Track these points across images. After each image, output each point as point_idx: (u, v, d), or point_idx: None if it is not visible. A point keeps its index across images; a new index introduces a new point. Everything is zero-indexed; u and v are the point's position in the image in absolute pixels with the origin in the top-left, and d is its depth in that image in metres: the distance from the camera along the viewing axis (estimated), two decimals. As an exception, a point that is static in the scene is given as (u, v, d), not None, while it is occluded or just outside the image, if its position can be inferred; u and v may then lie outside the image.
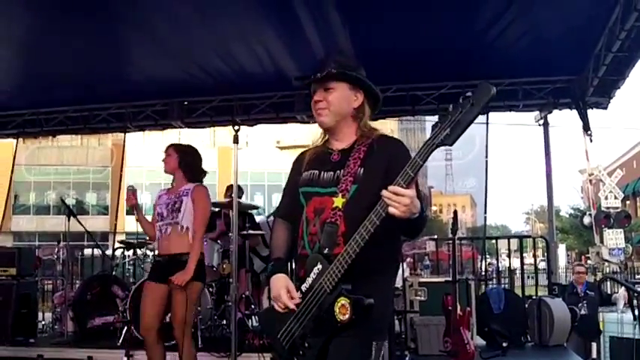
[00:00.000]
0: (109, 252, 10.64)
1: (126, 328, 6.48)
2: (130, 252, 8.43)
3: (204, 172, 5.01)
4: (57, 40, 6.49)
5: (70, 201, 28.16)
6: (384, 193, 2.30)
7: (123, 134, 11.16)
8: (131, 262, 8.95)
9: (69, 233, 7.36)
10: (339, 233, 2.57)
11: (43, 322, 8.38)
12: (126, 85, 8.07)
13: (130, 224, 21.05)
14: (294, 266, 2.85)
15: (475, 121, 2.24)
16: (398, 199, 2.27)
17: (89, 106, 8.94)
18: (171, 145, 4.95)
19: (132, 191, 4.96)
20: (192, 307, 4.62)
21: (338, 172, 2.68)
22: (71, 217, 7.06)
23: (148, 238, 5.68)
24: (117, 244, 9.70)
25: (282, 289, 2.62)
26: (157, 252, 4.96)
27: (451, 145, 2.25)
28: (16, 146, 11.75)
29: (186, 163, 4.85)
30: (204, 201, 4.74)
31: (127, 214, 24.87)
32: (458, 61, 7.14)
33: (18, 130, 9.52)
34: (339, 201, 2.60)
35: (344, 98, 2.74)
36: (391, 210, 2.29)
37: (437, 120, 2.29)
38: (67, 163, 36.59)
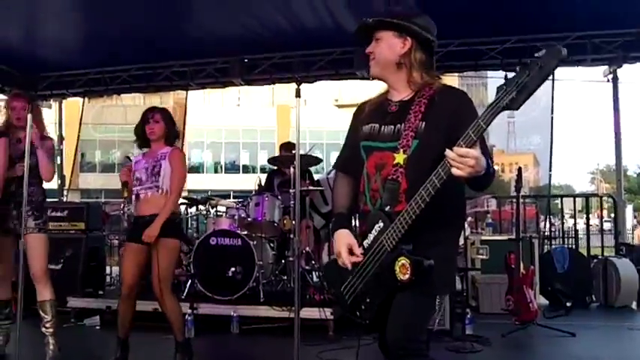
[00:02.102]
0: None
1: (190, 281, 6.62)
2: (193, 209, 8.58)
3: (179, 134, 5.08)
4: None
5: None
6: (448, 154, 2.21)
7: (185, 92, 11.30)
8: (194, 218, 9.12)
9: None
10: (401, 190, 2.52)
11: (111, 276, 8.69)
12: (187, 42, 8.12)
13: (192, 182, 21.44)
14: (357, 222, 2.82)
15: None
16: (462, 161, 2.18)
17: (152, 64, 9.10)
18: (159, 112, 4.84)
19: (128, 167, 4.91)
20: (168, 264, 4.68)
21: (399, 125, 2.59)
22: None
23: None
24: (180, 200, 9.87)
25: (342, 247, 2.64)
26: (135, 214, 4.96)
27: (517, 109, 2.13)
28: (83, 105, 12.06)
29: (169, 129, 4.85)
30: (180, 164, 4.76)
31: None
32: (523, 14, 6.93)
33: (84, 88, 9.76)
34: (400, 157, 2.53)
35: (388, 47, 2.65)
36: (455, 172, 2.20)
37: (503, 82, 2.16)
38: (131, 122, 37.26)
